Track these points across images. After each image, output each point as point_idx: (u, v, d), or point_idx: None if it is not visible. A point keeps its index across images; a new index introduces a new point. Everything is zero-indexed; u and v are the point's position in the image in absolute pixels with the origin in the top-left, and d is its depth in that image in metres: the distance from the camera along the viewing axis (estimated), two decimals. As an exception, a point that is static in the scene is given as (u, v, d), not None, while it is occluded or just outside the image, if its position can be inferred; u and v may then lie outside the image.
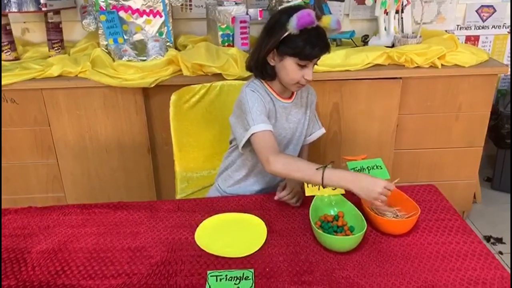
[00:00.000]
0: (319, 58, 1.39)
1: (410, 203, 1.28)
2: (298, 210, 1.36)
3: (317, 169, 1.26)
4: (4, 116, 2.06)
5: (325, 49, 1.37)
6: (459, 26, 2.62)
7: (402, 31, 2.31)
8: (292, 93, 1.53)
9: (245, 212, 1.34)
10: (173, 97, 1.66)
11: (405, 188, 1.41)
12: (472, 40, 2.66)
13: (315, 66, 1.43)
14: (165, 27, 2.20)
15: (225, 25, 2.12)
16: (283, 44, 1.36)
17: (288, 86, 1.45)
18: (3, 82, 1.96)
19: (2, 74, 1.97)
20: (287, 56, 1.37)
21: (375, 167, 1.39)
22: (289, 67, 1.38)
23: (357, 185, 1.23)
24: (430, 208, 1.36)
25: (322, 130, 1.70)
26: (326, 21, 1.35)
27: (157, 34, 2.19)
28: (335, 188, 1.32)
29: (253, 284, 1.08)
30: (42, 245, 1.24)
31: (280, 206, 1.38)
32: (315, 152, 2.22)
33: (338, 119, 2.15)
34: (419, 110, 2.16)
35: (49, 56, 2.21)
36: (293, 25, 1.30)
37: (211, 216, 1.33)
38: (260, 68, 1.45)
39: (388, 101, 2.12)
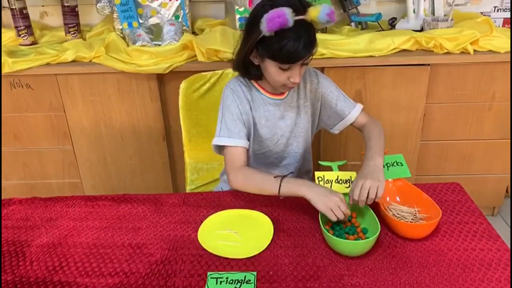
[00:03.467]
0: (307, 58, 1.24)
1: (431, 204, 1.18)
2: (309, 209, 1.28)
3: (275, 177, 1.23)
4: (20, 101, 2.05)
5: (308, 51, 1.21)
6: (496, 8, 2.43)
7: (433, 13, 2.16)
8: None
9: (252, 209, 1.27)
10: (182, 85, 1.59)
11: (426, 186, 1.30)
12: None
13: (332, 53, 1.33)
14: (181, 10, 2.13)
15: (243, 8, 2.02)
16: (261, 45, 1.23)
17: (276, 87, 1.34)
18: (18, 68, 1.94)
19: (18, 59, 1.94)
20: (267, 58, 1.24)
21: (395, 164, 1.29)
22: (270, 70, 1.26)
23: (314, 192, 1.17)
24: (453, 209, 1.25)
25: (358, 107, 1.49)
26: (314, 14, 1.17)
27: (173, 18, 2.12)
28: (349, 186, 1.22)
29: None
30: (43, 239, 1.21)
31: (290, 203, 1.30)
32: (335, 144, 2.13)
33: (361, 108, 2.04)
34: (448, 99, 2.02)
35: (66, 41, 2.18)
36: (264, 27, 1.15)
37: (216, 212, 1.26)
38: (244, 68, 1.34)
39: (415, 89, 1.99)
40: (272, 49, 1.20)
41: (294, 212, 1.27)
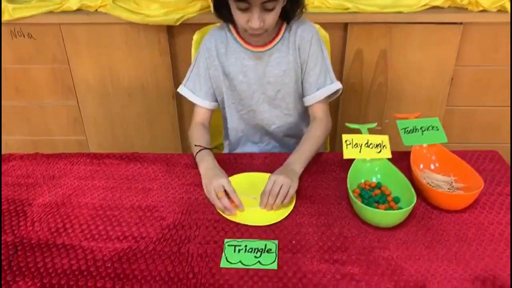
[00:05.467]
0: (268, 1, 1.08)
1: (470, 173, 1.07)
2: (334, 174, 1.18)
3: (195, 145, 1.20)
4: (22, 52, 1.92)
5: None
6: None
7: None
8: (273, 39, 1.24)
9: (272, 172, 1.16)
10: (195, 37, 1.46)
11: (461, 154, 1.19)
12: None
13: (340, 5, 1.17)
14: (195, -43, 1.95)
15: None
16: None
17: (241, 33, 1.23)
18: (19, 15, 1.80)
19: (19, 6, 1.80)
20: None
21: (430, 128, 1.17)
22: (232, 10, 1.14)
23: (205, 172, 1.12)
24: (492, 180, 1.14)
25: (334, 86, 1.28)
26: None
27: (186, -35, 1.96)
28: (380, 151, 1.12)
29: (276, 259, 0.93)
30: (45, 198, 1.11)
31: (314, 168, 1.20)
32: (355, 107, 2.01)
33: (385, 69, 1.91)
34: (480, 61, 1.88)
35: (69, -12, 2.02)
36: None
37: (232, 175, 1.16)
38: (218, 8, 1.21)
39: (444, 50, 1.85)
40: None
41: (318, 177, 1.16)
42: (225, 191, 1.06)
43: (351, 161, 1.12)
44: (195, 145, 1.21)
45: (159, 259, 0.93)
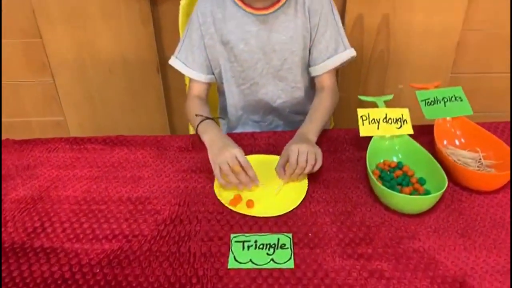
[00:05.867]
0: None
1: (499, 147, 0.95)
2: (347, 154, 1.05)
3: (196, 115, 1.08)
4: (-14, 25, 1.73)
5: None
6: None
7: None
8: (277, 1, 1.08)
9: (278, 154, 1.03)
10: (182, 2, 1.29)
11: (487, 126, 1.07)
12: None
13: None
14: None
15: None
16: None
17: None
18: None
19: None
20: None
21: (453, 99, 1.05)
22: None
23: (213, 143, 1.00)
24: (523, 154, 1.03)
25: (348, 53, 1.14)
26: None
27: None
28: (401, 126, 0.99)
29: (292, 255, 0.80)
30: (19, 192, 0.97)
31: (325, 147, 1.07)
32: (354, 77, 1.87)
33: (387, 35, 1.76)
34: (489, 25, 1.75)
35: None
36: None
37: (233, 158, 1.03)
38: None
39: (451, 12, 1.71)
40: None
41: (329, 158, 1.03)
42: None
43: (365, 139, 0.99)
44: (196, 115, 1.08)
45: (156, 261, 0.80)
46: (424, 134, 1.04)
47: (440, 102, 1.04)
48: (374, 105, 1.06)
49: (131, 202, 0.93)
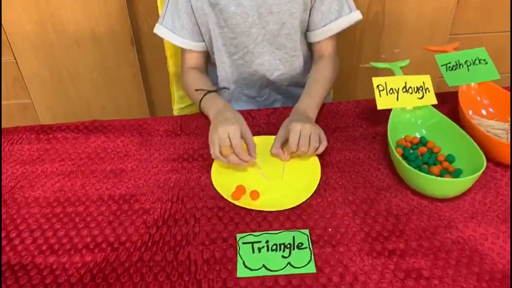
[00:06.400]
0: None
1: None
2: (361, 130, 0.92)
3: (196, 89, 0.97)
4: None
5: None
6: None
7: None
8: None
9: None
10: (160, -39, 1.12)
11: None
12: None
13: None
14: None
15: None
16: None
17: None
18: None
19: None
20: None
21: (477, 62, 0.92)
22: None
23: (212, 122, 0.86)
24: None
25: (353, 16, 1.00)
26: None
27: None
28: (423, 96, 0.86)
29: (312, 256, 0.68)
30: (-23, 195, 0.81)
31: (334, 123, 0.94)
32: (347, 41, 1.72)
33: (382, -5, 1.62)
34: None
35: None
36: None
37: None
38: None
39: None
40: None
41: (341, 136, 0.90)
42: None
43: (379, 112, 0.86)
44: (196, 90, 0.96)
45: (149, 273, 0.67)
46: (444, 103, 0.92)
47: (462, 66, 0.91)
48: (390, 72, 0.92)
49: (114, 201, 0.78)
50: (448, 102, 0.93)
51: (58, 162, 0.87)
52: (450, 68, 0.91)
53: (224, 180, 0.81)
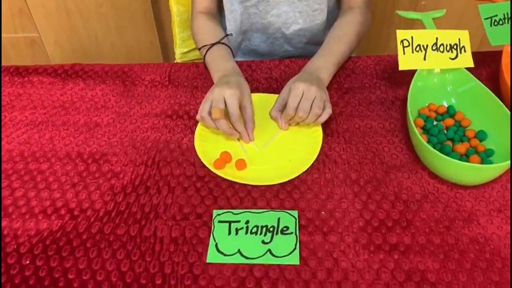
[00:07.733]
0: None
1: None
2: (378, 93, 0.77)
3: (201, 47, 0.84)
4: None
5: None
6: None
7: None
8: None
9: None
10: None
11: None
12: None
13: None
14: None
15: None
16: None
17: None
18: None
19: None
20: None
21: (500, 20, 0.74)
22: None
23: (217, 82, 0.74)
24: None
25: None
26: None
27: None
28: (456, 56, 0.70)
29: (298, 245, 0.57)
30: None
31: (347, 82, 0.80)
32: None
33: None
34: None
35: None
36: None
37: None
38: None
39: None
40: None
41: (353, 99, 0.76)
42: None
43: (404, 72, 0.71)
44: (202, 47, 0.84)
45: (108, 250, 0.58)
46: (482, 66, 0.76)
47: (507, 20, 0.74)
48: (420, 24, 0.76)
49: (82, 160, 0.69)
50: (488, 65, 0.77)
51: (28, 110, 0.77)
52: (495, 23, 0.74)
53: (208, 145, 0.69)
